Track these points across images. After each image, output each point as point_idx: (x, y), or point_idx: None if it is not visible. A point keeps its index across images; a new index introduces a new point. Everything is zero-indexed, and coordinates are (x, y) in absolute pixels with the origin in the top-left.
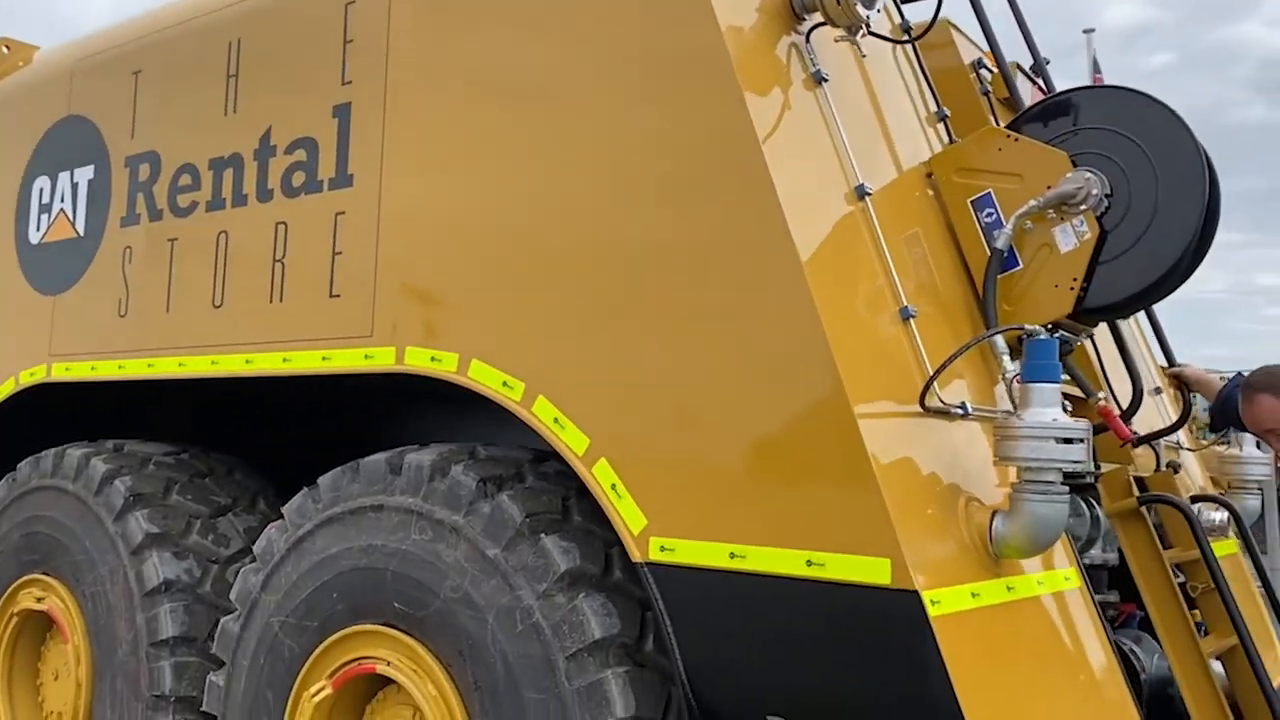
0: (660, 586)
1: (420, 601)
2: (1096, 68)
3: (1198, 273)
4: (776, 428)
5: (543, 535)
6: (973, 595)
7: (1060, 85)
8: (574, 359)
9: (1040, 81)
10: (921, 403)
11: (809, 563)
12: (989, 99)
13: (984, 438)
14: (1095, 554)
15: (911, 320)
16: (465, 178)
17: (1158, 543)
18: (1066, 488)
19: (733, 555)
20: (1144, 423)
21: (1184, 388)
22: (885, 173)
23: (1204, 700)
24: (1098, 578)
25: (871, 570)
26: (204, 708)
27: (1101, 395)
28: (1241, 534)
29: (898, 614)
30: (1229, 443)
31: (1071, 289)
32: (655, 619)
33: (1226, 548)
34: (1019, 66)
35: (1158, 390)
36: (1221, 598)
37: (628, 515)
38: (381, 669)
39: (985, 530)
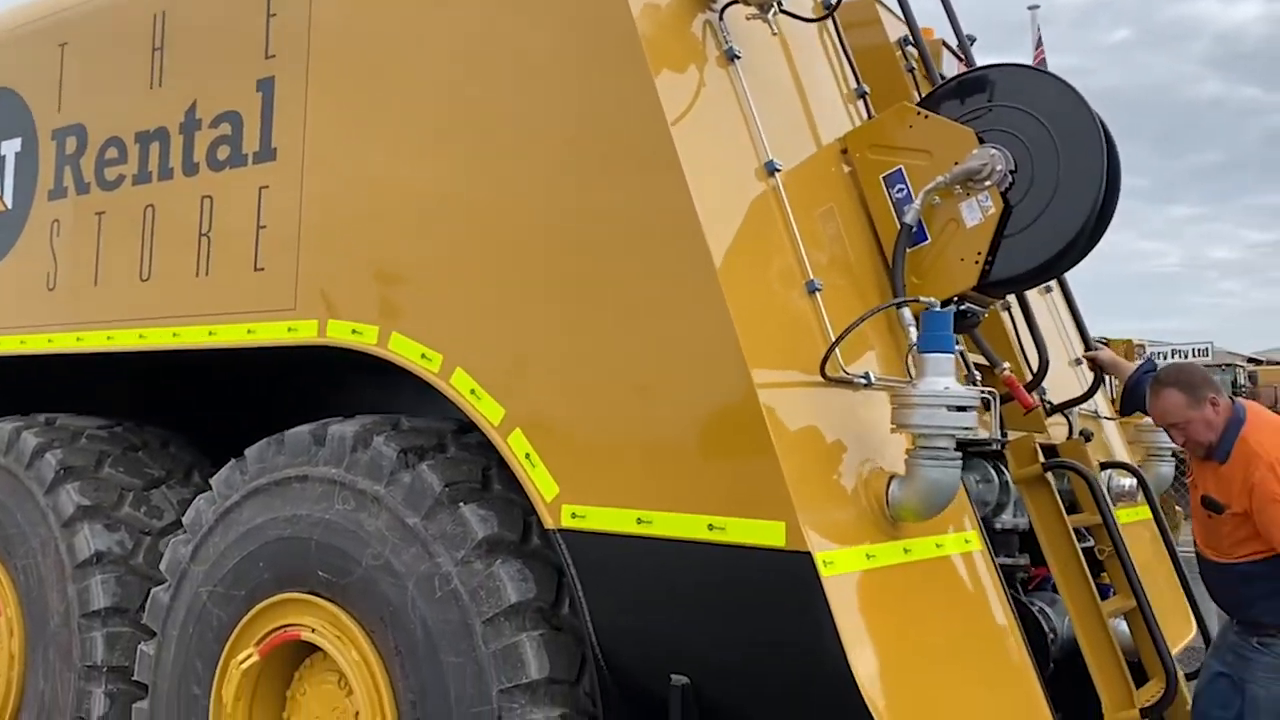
0: (572, 552)
1: (343, 569)
2: (1039, 44)
3: (1152, 246)
4: (681, 398)
5: (461, 504)
6: (868, 557)
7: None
8: (490, 332)
9: (965, 58)
10: (822, 372)
11: (710, 527)
12: (914, 75)
13: (889, 407)
14: (1006, 519)
15: (818, 294)
16: (384, 152)
17: (1061, 507)
18: (959, 453)
19: (640, 521)
20: (1066, 393)
21: (1098, 369)
22: (802, 149)
23: (1103, 657)
24: (1009, 542)
25: (767, 533)
26: (135, 677)
27: (1007, 365)
28: (1149, 500)
29: (792, 574)
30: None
31: (976, 262)
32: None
33: (1140, 513)
34: (944, 44)
35: (1079, 361)
36: (1119, 560)
37: (541, 483)
38: (307, 636)
39: (883, 495)
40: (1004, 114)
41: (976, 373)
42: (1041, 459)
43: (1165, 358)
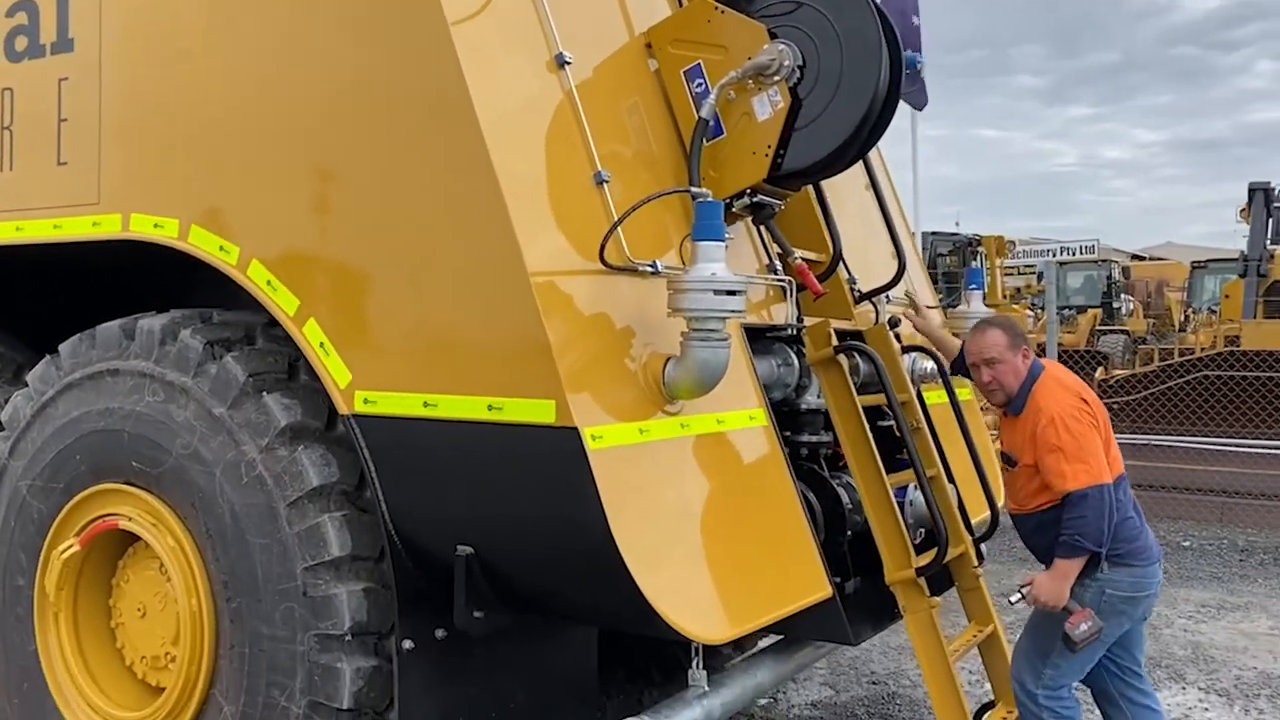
0: (366, 436)
1: (155, 460)
2: None
3: (1049, 146)
4: (461, 284)
5: (265, 394)
6: (641, 431)
7: None
8: (283, 224)
9: None
10: (601, 259)
11: (490, 407)
12: None
13: None
14: (810, 399)
15: (605, 185)
16: (175, 41)
17: (852, 387)
18: (728, 335)
19: (426, 404)
20: (883, 282)
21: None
22: (610, 44)
23: (885, 523)
24: (814, 421)
25: (539, 411)
26: None
27: (798, 254)
28: (945, 383)
29: (561, 449)
30: (959, 301)
31: (767, 155)
32: None
33: (960, 395)
34: None
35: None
36: (900, 434)
37: (335, 371)
38: (124, 524)
39: (660, 375)
40: (803, 12)
41: (777, 263)
42: (835, 343)
43: (1054, 255)
